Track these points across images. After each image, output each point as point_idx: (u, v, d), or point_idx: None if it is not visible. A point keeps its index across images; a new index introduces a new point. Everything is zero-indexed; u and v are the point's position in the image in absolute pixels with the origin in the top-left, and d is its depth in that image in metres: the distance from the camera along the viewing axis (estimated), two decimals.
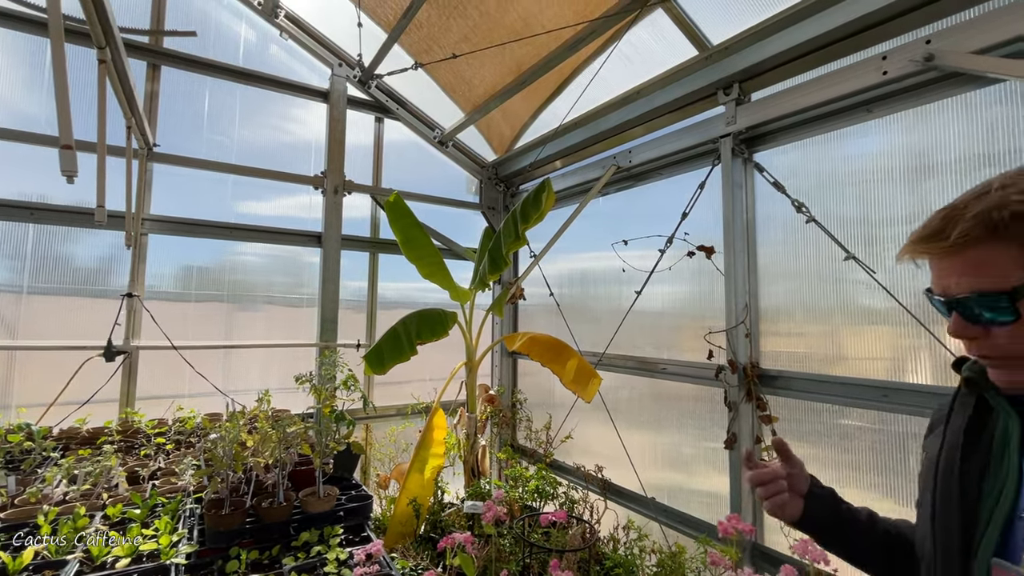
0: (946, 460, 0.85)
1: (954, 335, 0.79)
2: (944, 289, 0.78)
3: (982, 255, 0.73)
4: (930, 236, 0.77)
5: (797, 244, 2.23)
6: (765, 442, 2.25)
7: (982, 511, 0.78)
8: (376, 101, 3.63)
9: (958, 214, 0.75)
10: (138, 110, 2.36)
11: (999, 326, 0.74)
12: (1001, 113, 1.71)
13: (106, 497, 1.80)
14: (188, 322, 3.11)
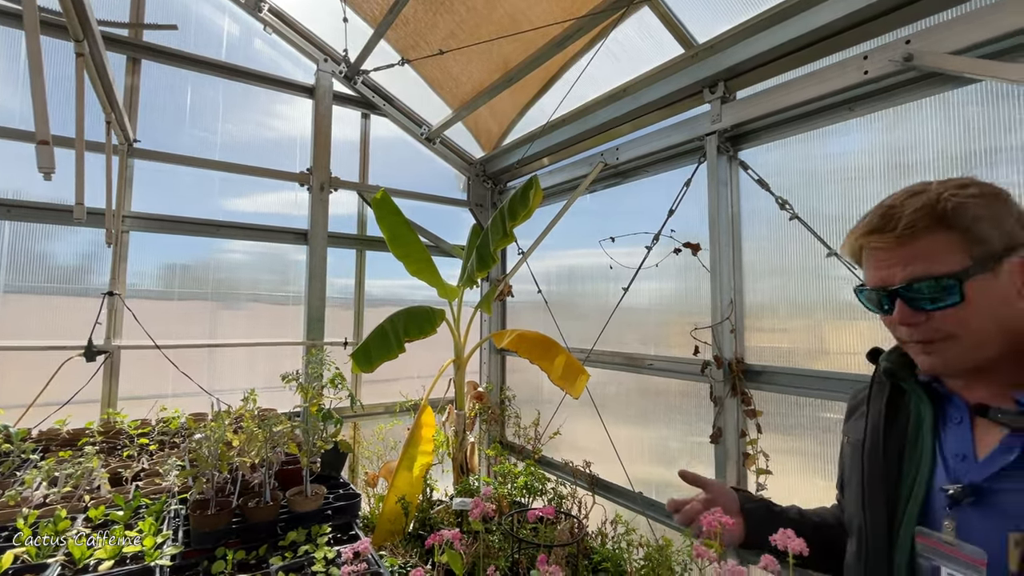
0: (871, 443, 0.94)
1: (900, 323, 0.84)
2: (886, 280, 0.84)
3: (930, 243, 0.80)
4: (877, 229, 0.83)
5: (781, 241, 2.27)
6: (749, 436, 2.28)
7: (903, 488, 0.88)
8: (362, 97, 3.60)
9: (898, 209, 0.83)
10: (118, 105, 2.31)
11: (944, 309, 0.80)
12: (976, 112, 1.75)
13: (88, 499, 1.77)
14: (171, 321, 3.06)
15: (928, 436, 0.88)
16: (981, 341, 0.81)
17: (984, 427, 0.85)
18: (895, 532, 0.87)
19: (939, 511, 0.84)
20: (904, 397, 0.95)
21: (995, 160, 1.71)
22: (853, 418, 1.07)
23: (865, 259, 0.89)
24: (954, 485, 0.82)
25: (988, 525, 0.79)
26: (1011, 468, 0.78)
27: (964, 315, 0.79)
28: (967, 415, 0.87)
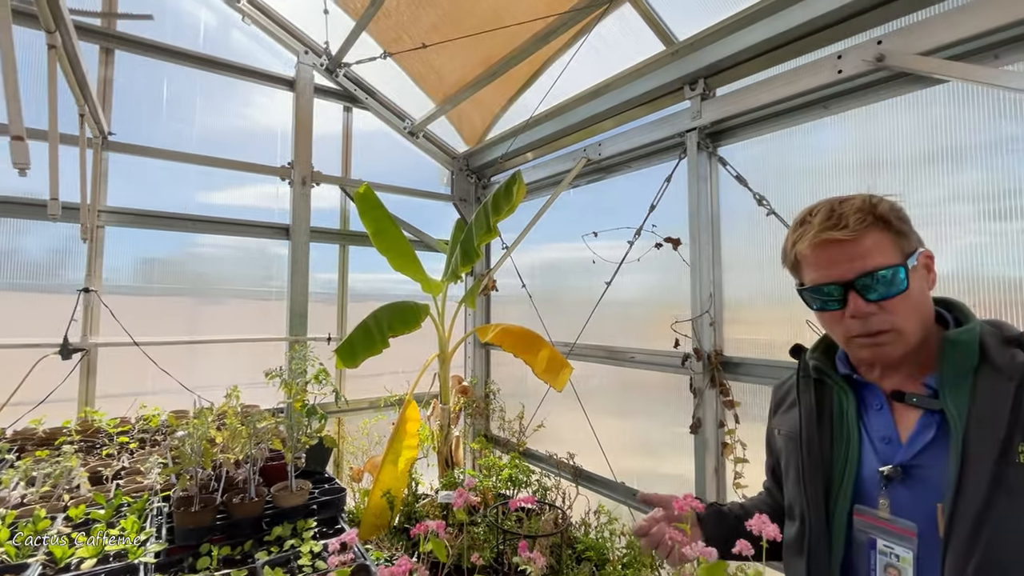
0: (807, 433, 1.02)
1: (853, 315, 0.91)
2: (841, 275, 0.91)
3: (875, 240, 0.90)
4: (832, 225, 0.91)
5: (759, 235, 2.32)
6: (728, 426, 2.34)
7: (835, 472, 0.97)
8: (344, 90, 3.57)
9: (840, 211, 0.92)
10: (91, 97, 2.26)
11: (892, 299, 0.89)
12: (943, 112, 1.81)
13: (67, 499, 1.75)
14: (150, 317, 3.02)
15: (853, 423, 0.98)
16: (914, 330, 0.91)
17: (901, 411, 0.95)
18: (832, 511, 0.96)
19: (872, 490, 0.93)
20: (826, 389, 1.05)
21: (960, 157, 1.77)
22: (781, 411, 1.15)
23: (811, 261, 0.96)
24: (886, 466, 0.90)
25: (916, 498, 0.88)
26: (930, 445, 0.89)
27: (906, 305, 0.89)
28: (885, 402, 0.97)
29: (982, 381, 0.86)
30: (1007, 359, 0.85)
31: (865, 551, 0.92)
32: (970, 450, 0.82)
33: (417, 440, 2.93)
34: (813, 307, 0.99)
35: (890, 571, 0.88)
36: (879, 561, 0.90)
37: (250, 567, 1.41)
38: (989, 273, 1.68)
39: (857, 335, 0.93)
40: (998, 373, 0.85)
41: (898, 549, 0.88)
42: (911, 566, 0.86)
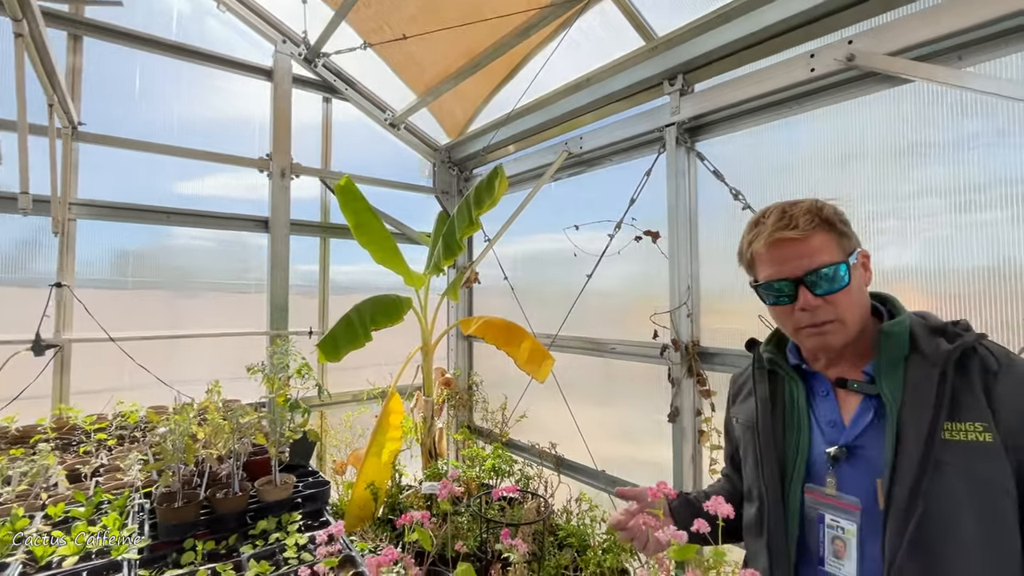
0: (763, 421, 1.11)
1: (802, 308, 1.00)
2: (793, 271, 1.00)
3: (822, 240, 1.00)
4: (785, 225, 1.00)
5: (735, 229, 2.36)
6: (704, 414, 2.42)
7: (788, 454, 1.06)
8: (323, 80, 3.52)
9: (791, 213, 1.01)
10: (60, 87, 2.20)
11: (836, 293, 0.98)
12: (911, 109, 1.88)
13: (45, 497, 1.72)
14: (125, 311, 2.96)
15: (803, 410, 1.08)
16: (854, 321, 1.01)
17: (844, 397, 1.05)
18: (787, 491, 1.04)
19: (821, 469, 1.02)
20: (778, 379, 1.14)
21: (925, 153, 1.85)
22: (739, 401, 1.24)
23: (765, 259, 1.05)
24: (832, 447, 1.00)
25: (859, 475, 0.97)
26: (869, 427, 0.99)
27: (848, 299, 0.99)
28: (831, 389, 1.06)
29: (912, 368, 0.95)
30: (933, 348, 0.94)
31: (815, 526, 1.00)
32: (903, 430, 0.91)
33: (400, 432, 2.95)
34: (767, 302, 1.08)
35: (837, 543, 0.97)
36: (827, 534, 0.98)
37: (235, 561, 1.42)
38: (955, 264, 1.76)
39: (806, 326, 1.01)
40: (925, 360, 0.94)
41: (843, 522, 0.96)
42: (855, 537, 0.94)
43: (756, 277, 1.10)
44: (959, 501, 0.86)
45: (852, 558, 0.95)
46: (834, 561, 0.97)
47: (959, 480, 0.87)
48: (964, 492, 0.86)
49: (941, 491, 0.87)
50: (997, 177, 1.68)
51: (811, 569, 1.01)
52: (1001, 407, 0.87)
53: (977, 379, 0.90)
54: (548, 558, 2.07)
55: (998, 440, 0.86)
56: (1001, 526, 0.86)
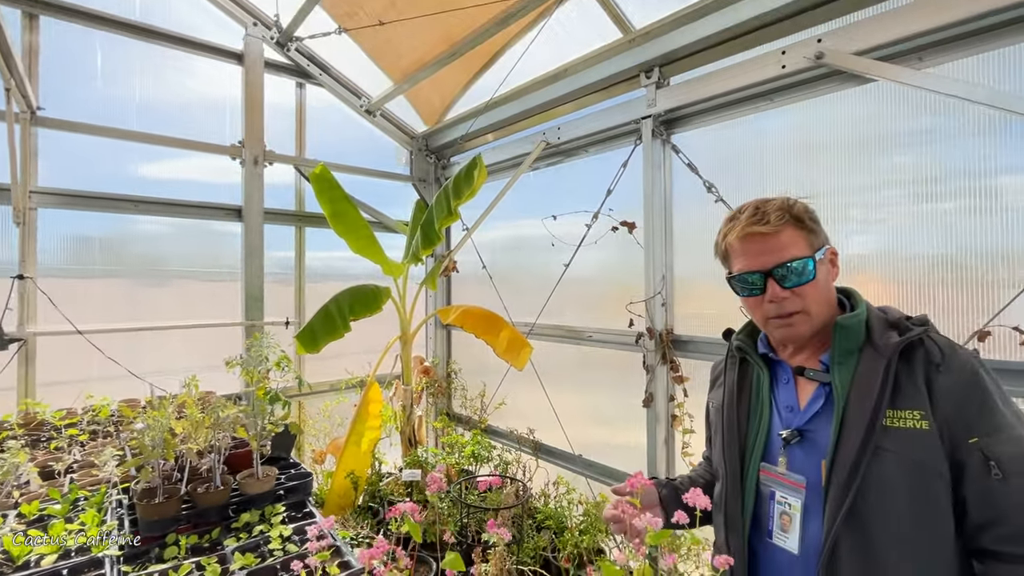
0: (728, 405, 1.20)
1: (770, 299, 1.07)
2: (763, 264, 1.06)
3: (790, 235, 1.06)
4: (757, 220, 1.08)
5: (709, 220, 2.44)
6: (677, 399, 2.51)
7: (750, 436, 1.15)
8: (296, 65, 3.43)
9: (764, 209, 1.08)
10: (17, 69, 2.10)
11: (803, 286, 1.05)
12: (873, 107, 1.96)
13: (17, 495, 1.70)
14: (92, 301, 2.88)
15: (766, 395, 1.16)
16: (819, 313, 1.08)
17: (803, 384, 1.13)
18: (745, 469, 1.14)
19: (776, 450, 1.11)
20: (748, 368, 1.22)
21: (885, 144, 1.93)
22: (715, 387, 1.33)
23: (738, 252, 1.12)
24: (786, 430, 1.09)
25: (807, 456, 1.06)
26: (820, 412, 1.07)
27: (814, 292, 1.06)
28: (791, 376, 1.14)
29: (863, 359, 1.03)
30: (885, 340, 1.01)
31: (767, 502, 1.09)
32: (848, 416, 0.99)
33: (380, 421, 2.97)
34: (740, 293, 1.14)
35: (783, 517, 1.06)
36: (776, 509, 1.08)
37: (220, 554, 1.43)
38: (913, 252, 1.86)
39: (774, 316, 1.08)
40: (876, 352, 1.01)
41: (791, 499, 1.06)
42: (799, 512, 1.04)
43: (730, 269, 1.16)
44: (894, 482, 0.94)
45: (796, 531, 1.04)
46: (780, 534, 1.06)
47: (896, 463, 0.94)
48: (899, 474, 0.94)
49: (878, 473, 0.94)
50: (951, 170, 1.78)
51: (761, 541, 1.10)
52: (939, 397, 0.95)
53: (920, 370, 0.97)
54: (527, 541, 2.14)
55: (934, 427, 0.93)
56: (934, 508, 0.93)
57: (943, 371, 0.96)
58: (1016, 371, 1.60)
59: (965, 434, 0.93)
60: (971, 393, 0.95)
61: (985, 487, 0.91)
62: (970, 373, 0.96)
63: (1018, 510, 0.90)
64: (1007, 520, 0.91)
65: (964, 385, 0.95)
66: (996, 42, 1.67)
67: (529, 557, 2.08)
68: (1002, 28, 1.64)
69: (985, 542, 0.93)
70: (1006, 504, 0.90)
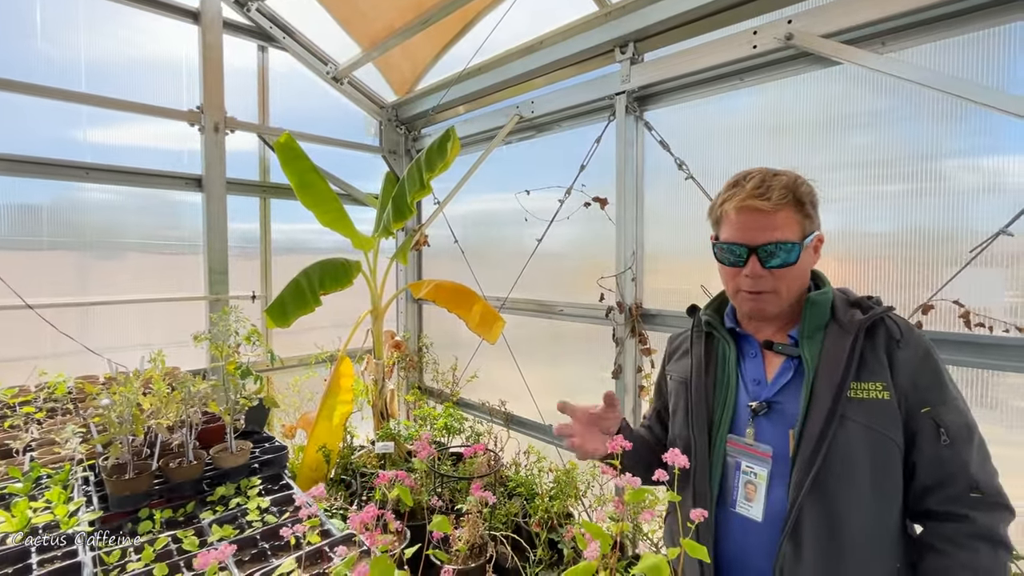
0: (696, 377, 1.21)
1: (749, 274, 1.09)
2: (751, 239, 1.07)
3: (787, 217, 1.06)
4: (759, 195, 1.06)
5: (679, 196, 2.49)
6: (644, 371, 2.60)
7: (716, 409, 1.17)
8: (258, 27, 3.25)
9: (769, 183, 1.07)
10: None
11: (783, 268, 1.07)
12: (838, 88, 2.03)
13: None
14: (40, 274, 2.73)
15: (733, 368, 1.18)
16: (790, 295, 1.10)
17: (770, 358, 1.16)
18: (713, 441, 1.16)
19: (743, 422, 1.14)
20: (714, 341, 1.24)
21: (847, 126, 2.02)
22: (675, 359, 1.35)
23: (731, 222, 1.11)
24: (754, 402, 1.12)
25: (775, 427, 1.10)
26: (788, 384, 1.10)
27: (791, 275, 1.08)
28: (759, 350, 1.17)
29: (830, 334, 1.08)
30: (849, 318, 1.08)
31: (734, 472, 1.13)
32: (816, 388, 1.04)
33: (352, 395, 2.97)
34: (721, 260, 1.15)
35: (748, 487, 1.11)
36: (741, 479, 1.12)
37: (196, 527, 1.42)
38: (869, 230, 1.96)
39: (747, 290, 1.11)
40: (841, 328, 1.07)
41: (757, 468, 1.10)
42: (765, 481, 1.08)
43: (718, 234, 1.17)
44: (857, 451, 1.00)
45: (760, 500, 1.08)
46: (744, 503, 1.11)
47: (858, 432, 1.00)
48: (862, 443, 1.00)
49: (843, 441, 1.00)
50: (903, 153, 1.88)
51: (725, 511, 1.14)
52: (899, 370, 1.03)
53: (882, 345, 1.04)
54: (500, 508, 2.21)
55: (894, 398, 1.01)
56: (889, 473, 1.02)
57: (902, 347, 1.04)
58: (956, 342, 1.74)
59: (919, 404, 1.02)
60: (926, 367, 1.03)
61: (934, 453, 1.01)
62: (925, 350, 1.05)
63: (963, 472, 1.00)
64: (953, 482, 1.00)
65: (921, 360, 1.04)
66: (955, 29, 1.75)
67: (501, 523, 2.15)
68: (961, 16, 1.72)
69: (931, 503, 1.03)
70: (951, 468, 1.00)
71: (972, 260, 1.73)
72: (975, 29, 1.72)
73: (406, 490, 0.92)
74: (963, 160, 1.77)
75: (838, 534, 1.00)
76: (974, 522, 0.98)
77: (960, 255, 1.76)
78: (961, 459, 1.00)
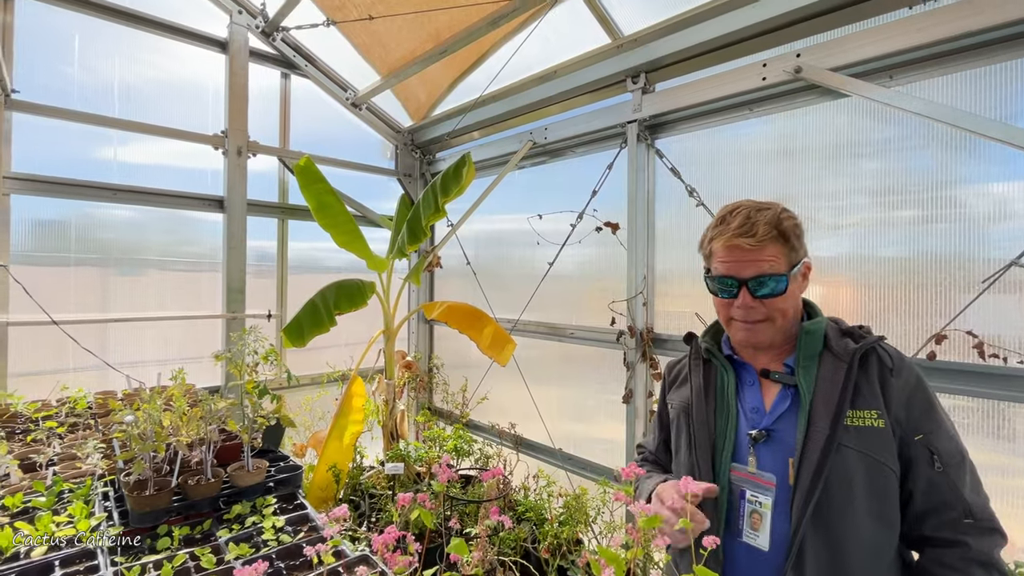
0: (697, 405, 1.23)
1: (740, 306, 1.13)
2: (740, 272, 1.12)
3: (773, 251, 1.11)
4: (744, 232, 1.11)
5: (690, 222, 2.53)
6: (655, 396, 2.60)
7: (718, 437, 1.18)
8: (282, 55, 3.38)
9: (754, 220, 1.11)
10: None
11: (773, 299, 1.11)
12: (846, 119, 2.07)
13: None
14: (69, 292, 2.81)
15: (732, 396, 1.20)
16: (783, 322, 1.14)
17: (767, 386, 1.18)
18: (718, 469, 1.16)
19: (744, 450, 1.15)
20: (712, 369, 1.26)
21: (857, 152, 2.05)
22: (675, 388, 1.37)
23: (720, 257, 1.16)
24: (754, 431, 1.13)
25: (774, 456, 1.11)
26: (786, 412, 1.12)
27: (782, 304, 1.12)
28: (756, 378, 1.20)
29: (824, 363, 1.11)
30: (843, 347, 1.11)
31: (738, 501, 1.14)
32: (814, 416, 1.06)
33: (363, 415, 2.99)
34: (715, 293, 1.20)
35: (754, 516, 1.11)
36: (747, 508, 1.12)
37: (213, 544, 1.44)
38: (879, 255, 1.98)
39: (739, 320, 1.16)
40: (835, 357, 1.10)
41: (761, 497, 1.11)
42: (770, 510, 1.09)
43: (710, 268, 1.22)
44: (854, 477, 1.02)
45: (766, 529, 1.08)
46: (751, 532, 1.10)
47: (856, 459, 1.02)
48: (859, 470, 1.02)
49: (841, 468, 1.02)
50: (914, 179, 1.90)
51: (731, 540, 1.13)
52: (892, 398, 1.05)
53: (875, 374, 1.07)
54: (508, 532, 2.20)
55: (888, 425, 1.03)
56: (886, 500, 1.03)
57: (895, 375, 1.07)
58: (970, 372, 1.74)
59: (913, 431, 1.04)
60: (918, 395, 1.06)
61: (929, 479, 1.03)
62: (916, 378, 1.08)
63: (957, 498, 1.02)
64: (948, 508, 1.02)
65: (913, 388, 1.06)
66: (962, 64, 1.79)
67: (510, 548, 2.14)
68: (968, 51, 1.76)
69: (927, 529, 1.04)
70: (946, 494, 1.02)
71: (985, 290, 1.74)
72: (983, 64, 1.76)
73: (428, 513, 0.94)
74: (975, 187, 1.79)
75: (840, 561, 1.02)
76: (969, 548, 1.00)
77: (973, 283, 1.77)
78: (955, 485, 1.02)
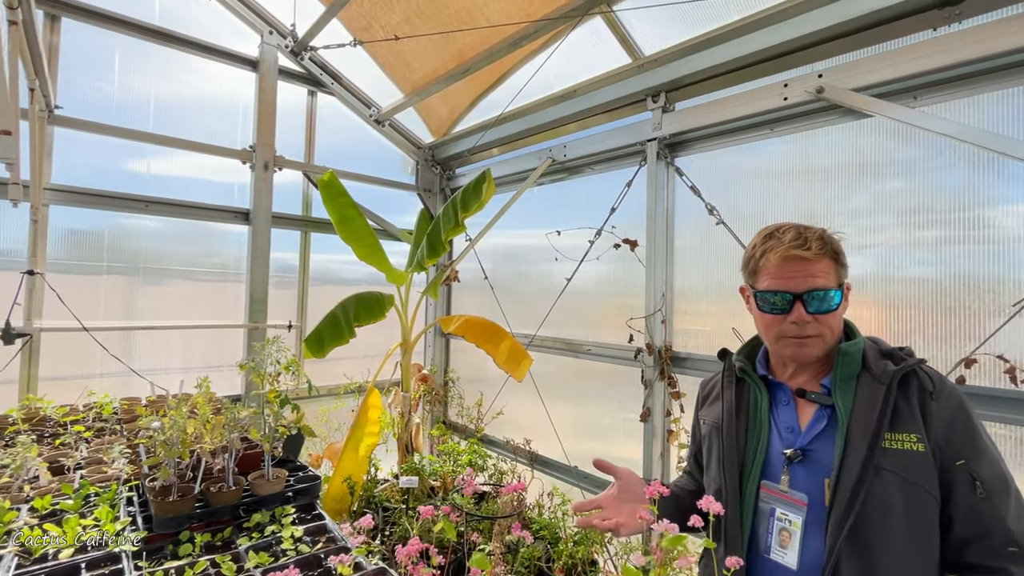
0: (727, 422, 1.24)
1: (793, 320, 1.12)
2: (795, 287, 1.11)
3: (825, 265, 1.11)
4: (799, 245, 1.11)
5: (709, 239, 2.52)
6: (673, 415, 2.57)
7: (748, 454, 1.19)
8: (309, 74, 3.49)
9: (806, 235, 1.13)
10: (43, 71, 2.14)
11: (826, 314, 1.11)
12: (870, 139, 2.06)
13: (28, 489, 1.71)
14: (98, 299, 2.90)
15: (765, 415, 1.20)
16: (832, 340, 1.14)
17: (803, 405, 1.18)
18: (744, 486, 1.16)
19: (776, 469, 1.15)
20: (745, 387, 1.26)
21: (881, 171, 2.03)
22: (707, 404, 1.37)
23: (772, 271, 1.15)
24: (789, 449, 1.12)
25: (809, 475, 1.10)
26: (822, 433, 1.12)
27: (832, 320, 1.12)
28: (792, 397, 1.19)
29: (862, 384, 1.09)
30: (881, 368, 1.09)
31: (767, 518, 1.13)
32: (851, 437, 1.05)
33: (379, 427, 3.00)
34: (761, 308, 1.17)
35: (783, 534, 1.10)
36: (776, 526, 1.12)
37: (233, 552, 1.46)
38: (906, 276, 1.95)
39: (791, 336, 1.14)
40: (874, 379, 1.08)
41: (792, 516, 1.10)
42: (800, 529, 1.08)
43: (755, 284, 1.19)
44: (893, 501, 1.00)
45: (795, 548, 1.07)
46: (779, 550, 1.10)
47: (894, 482, 1.00)
48: (898, 493, 1.00)
49: (878, 491, 1.00)
50: (942, 200, 1.88)
51: (757, 557, 1.13)
52: (932, 422, 1.03)
53: (915, 397, 1.05)
54: (523, 550, 2.18)
55: (928, 450, 1.01)
56: (926, 525, 1.01)
57: (935, 399, 1.05)
58: (1001, 398, 1.69)
59: (954, 457, 1.01)
60: (959, 419, 1.04)
61: (971, 505, 1.00)
62: (958, 402, 1.05)
63: (1000, 525, 0.99)
64: (990, 535, 0.99)
65: (954, 412, 1.04)
66: (987, 85, 1.78)
67: (523, 567, 2.12)
68: (994, 73, 1.75)
69: (969, 557, 1.01)
70: (988, 520, 0.99)
71: (1016, 313, 1.70)
72: (1011, 85, 1.74)
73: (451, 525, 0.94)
74: (1004, 208, 1.76)
75: None
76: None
77: (1003, 306, 1.74)
78: (998, 512, 0.99)
